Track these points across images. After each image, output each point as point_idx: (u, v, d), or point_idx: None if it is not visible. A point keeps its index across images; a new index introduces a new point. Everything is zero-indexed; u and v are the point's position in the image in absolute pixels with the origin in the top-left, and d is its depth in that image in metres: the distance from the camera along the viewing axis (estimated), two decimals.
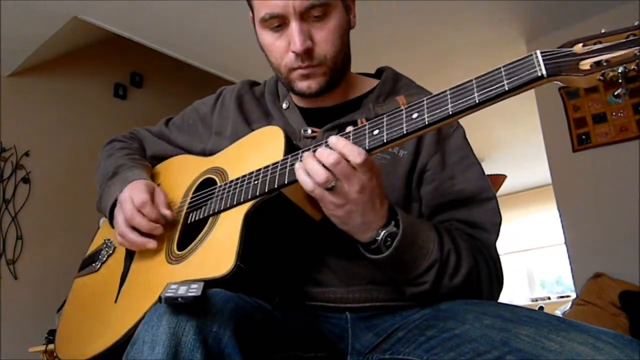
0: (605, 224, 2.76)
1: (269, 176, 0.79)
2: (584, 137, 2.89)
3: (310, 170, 0.69)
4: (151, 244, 0.87)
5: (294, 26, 0.83)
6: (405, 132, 0.68)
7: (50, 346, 2.10)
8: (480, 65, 3.43)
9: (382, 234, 0.72)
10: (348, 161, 0.68)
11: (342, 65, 0.90)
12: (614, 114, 2.80)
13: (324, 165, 0.68)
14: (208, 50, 3.18)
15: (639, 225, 2.58)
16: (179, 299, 0.60)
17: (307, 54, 0.84)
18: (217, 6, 2.68)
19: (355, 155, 0.68)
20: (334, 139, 0.70)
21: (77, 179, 3.21)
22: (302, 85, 0.88)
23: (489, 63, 3.39)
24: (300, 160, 0.73)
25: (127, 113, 3.69)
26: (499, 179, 4.19)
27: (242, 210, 0.79)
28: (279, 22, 0.85)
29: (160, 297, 0.60)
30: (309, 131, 0.92)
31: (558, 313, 3.46)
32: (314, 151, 0.71)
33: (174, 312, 0.61)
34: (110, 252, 1.02)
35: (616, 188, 2.74)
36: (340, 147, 0.69)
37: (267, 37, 0.88)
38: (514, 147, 5.26)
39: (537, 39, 3.16)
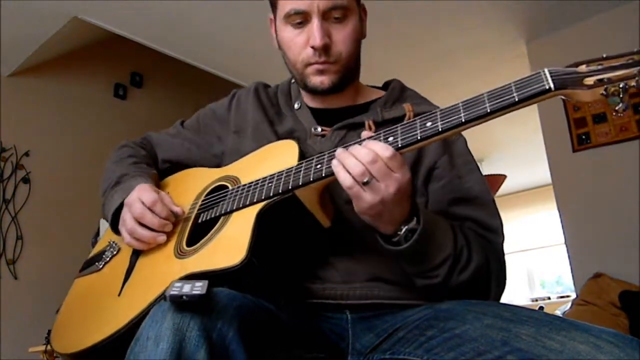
0: (605, 224, 2.76)
1: (283, 179, 0.81)
2: (584, 137, 2.89)
3: (347, 165, 0.72)
4: (161, 237, 0.89)
5: (316, 23, 0.89)
6: (419, 138, 0.71)
7: (50, 346, 2.10)
8: (480, 65, 3.45)
9: (404, 229, 0.75)
10: (383, 161, 0.71)
11: (354, 66, 0.96)
12: (614, 114, 2.79)
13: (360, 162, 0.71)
14: (208, 50, 3.18)
15: (639, 225, 2.58)
16: (184, 297, 0.60)
17: (324, 49, 0.90)
18: (217, 6, 2.68)
19: (384, 149, 0.71)
20: (368, 141, 0.73)
21: (77, 179, 3.21)
22: (316, 80, 0.93)
23: (489, 63, 3.39)
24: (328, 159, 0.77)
25: (127, 113, 3.69)
26: (499, 179, 4.19)
27: (255, 209, 0.81)
28: (301, 19, 0.91)
29: (164, 296, 0.61)
30: (319, 129, 0.96)
31: (558, 313, 3.46)
32: (347, 149, 0.74)
33: (178, 308, 0.61)
34: (115, 252, 1.02)
35: (616, 188, 2.74)
36: (371, 145, 0.72)
37: (288, 33, 0.94)
38: (514, 147, 5.26)
39: (537, 39, 3.17)
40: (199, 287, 0.62)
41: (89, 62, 3.52)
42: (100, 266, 1.02)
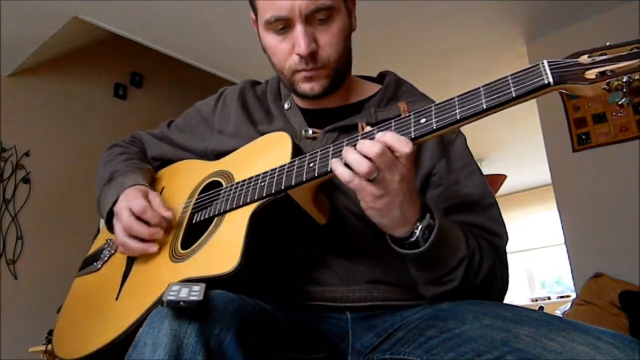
0: (605, 224, 2.76)
1: (275, 178, 0.80)
2: (584, 137, 2.89)
3: (352, 162, 0.68)
4: (153, 248, 0.88)
5: (299, 29, 0.83)
6: (413, 137, 0.68)
7: (50, 346, 2.10)
8: (480, 65, 3.45)
9: (419, 227, 0.71)
10: (392, 151, 0.67)
11: (344, 67, 0.91)
12: (614, 114, 2.80)
13: (365, 157, 0.67)
14: (208, 50, 3.18)
15: (639, 225, 2.58)
16: (181, 303, 0.60)
17: (311, 56, 0.85)
18: (217, 6, 2.68)
19: (404, 145, 0.67)
20: (380, 133, 0.69)
21: (77, 179, 3.21)
22: (305, 87, 0.89)
23: (489, 63, 3.39)
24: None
25: (127, 113, 3.69)
26: (499, 179, 4.20)
27: (248, 210, 0.80)
28: (283, 25, 0.85)
29: (162, 300, 0.60)
30: (310, 131, 0.92)
31: (558, 313, 3.46)
32: (353, 145, 0.70)
33: (176, 314, 0.61)
34: (112, 251, 1.02)
35: (616, 188, 2.74)
36: (388, 138, 0.67)
37: (271, 39, 0.88)
38: (514, 147, 5.26)
39: (537, 39, 3.16)
40: (196, 292, 0.62)
41: (89, 62, 3.52)
42: (99, 266, 1.02)
